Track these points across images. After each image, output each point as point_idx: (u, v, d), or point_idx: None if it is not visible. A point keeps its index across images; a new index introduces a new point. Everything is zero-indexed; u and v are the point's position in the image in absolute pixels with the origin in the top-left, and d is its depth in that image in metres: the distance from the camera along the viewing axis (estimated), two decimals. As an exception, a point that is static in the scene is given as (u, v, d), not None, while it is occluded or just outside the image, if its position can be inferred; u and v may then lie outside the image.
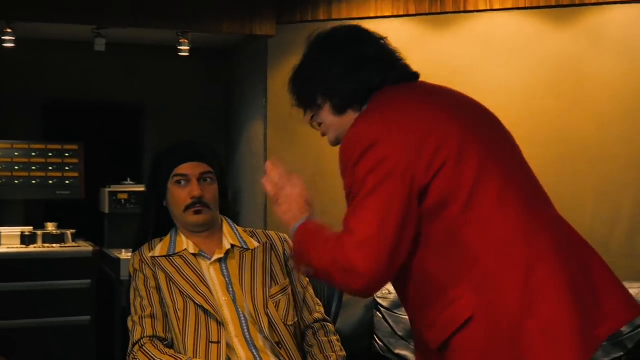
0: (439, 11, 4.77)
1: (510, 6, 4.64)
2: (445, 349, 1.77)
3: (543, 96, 4.59)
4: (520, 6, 4.62)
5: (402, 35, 4.86)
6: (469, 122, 1.86)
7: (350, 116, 1.93)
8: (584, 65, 4.53)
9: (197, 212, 2.54)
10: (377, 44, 1.97)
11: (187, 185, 2.55)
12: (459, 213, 1.75)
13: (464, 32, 4.75)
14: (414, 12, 4.82)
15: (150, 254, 2.54)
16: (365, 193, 1.76)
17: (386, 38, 2.01)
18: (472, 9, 4.71)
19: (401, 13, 4.83)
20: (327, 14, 4.95)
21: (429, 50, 4.78)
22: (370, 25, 5.42)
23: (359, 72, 1.91)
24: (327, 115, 1.98)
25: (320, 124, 2.03)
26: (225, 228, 2.63)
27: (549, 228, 1.80)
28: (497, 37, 4.70)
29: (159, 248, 2.56)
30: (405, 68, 1.97)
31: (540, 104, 4.60)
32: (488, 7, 4.68)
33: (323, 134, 2.04)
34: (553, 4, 4.57)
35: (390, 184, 1.74)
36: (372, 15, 4.87)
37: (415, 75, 2.00)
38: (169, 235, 2.59)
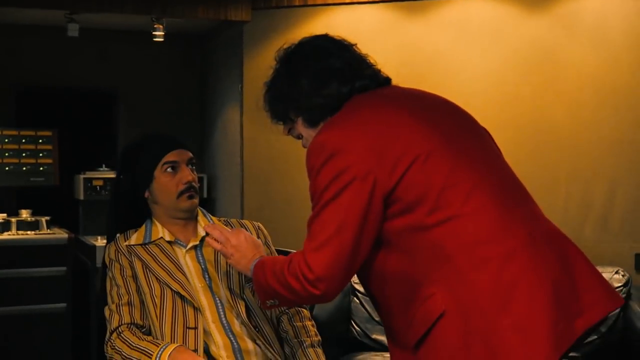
0: (414, -3, 4.78)
1: (485, -8, 4.66)
2: (421, 346, 1.78)
3: (517, 83, 4.62)
4: (496, -8, 4.64)
5: (377, 21, 4.86)
6: (438, 124, 1.87)
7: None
8: (558, 53, 4.56)
9: (190, 197, 2.57)
10: (345, 54, 1.98)
11: (176, 172, 2.56)
12: (427, 214, 1.77)
13: (439, 18, 4.76)
14: (389, -1, 4.83)
15: (126, 243, 2.55)
16: (326, 201, 1.80)
17: (355, 45, 2.03)
18: (447, -5, 4.73)
19: (377, -1, 4.84)
20: (302, 0, 4.94)
21: (404, 37, 4.79)
22: (346, 12, 5.43)
23: (325, 87, 1.94)
24: (302, 128, 2.04)
25: (298, 136, 2.08)
26: (200, 217, 2.66)
27: (525, 224, 1.82)
28: (472, 23, 4.71)
29: (135, 237, 2.56)
30: (374, 75, 1.99)
31: (514, 90, 4.63)
32: (463, -6, 4.69)
33: (304, 146, 2.06)
34: (528, -10, 4.59)
35: (350, 191, 1.78)
36: (347, 1, 4.87)
37: (386, 81, 2.02)
38: (144, 225, 2.60)
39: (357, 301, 4.25)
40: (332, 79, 1.94)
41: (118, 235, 2.59)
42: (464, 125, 1.95)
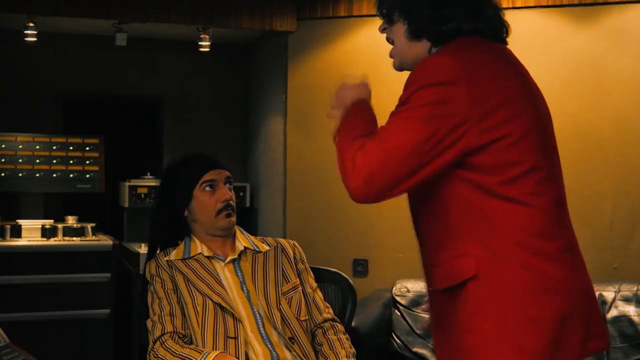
0: (460, 8, 4.76)
1: (532, 4, 4.62)
2: (447, 294, 1.80)
3: (563, 95, 4.57)
4: (542, 4, 4.60)
5: (422, 32, 4.85)
6: (539, 107, 1.88)
7: (422, 47, 1.88)
8: (605, 65, 4.50)
9: (228, 215, 2.64)
10: None
11: (215, 191, 2.61)
12: (500, 183, 1.75)
13: (485, 29, 4.73)
14: (435, 10, 4.81)
15: (166, 258, 2.61)
16: (413, 116, 1.73)
17: None
18: (493, 6, 4.69)
19: (422, 10, 4.82)
20: (347, 10, 4.95)
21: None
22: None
23: (448, 9, 1.85)
24: (399, 34, 1.92)
25: (389, 40, 1.97)
26: (238, 233, 2.73)
27: (570, 231, 1.85)
28: (519, 35, 4.63)
29: (174, 253, 2.64)
30: (497, 26, 1.92)
31: (560, 103, 4.57)
32: (510, 5, 4.66)
33: (390, 55, 1.97)
34: (575, 2, 4.54)
35: (439, 124, 1.71)
36: (392, 12, 4.85)
37: (505, 33, 1.97)
38: (182, 242, 2.66)
39: (398, 313, 4.22)
40: (457, 8, 1.85)
41: (158, 252, 2.65)
42: (549, 118, 1.95)
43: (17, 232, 4.85)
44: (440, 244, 1.82)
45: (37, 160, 5.12)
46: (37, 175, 5.11)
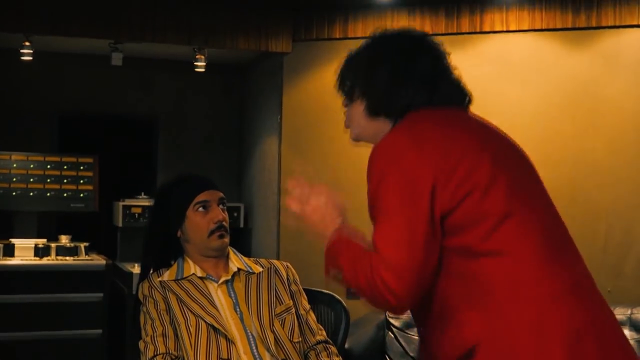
0: (455, 31, 4.79)
1: (526, 28, 4.65)
2: None
3: (557, 118, 4.59)
4: (537, 28, 4.63)
5: (417, 54, 4.87)
6: (500, 154, 1.86)
7: (380, 123, 1.93)
8: (599, 88, 4.53)
9: (220, 237, 2.63)
10: (434, 62, 1.94)
11: (208, 212, 2.62)
12: (479, 241, 1.74)
13: (479, 52, 4.76)
14: (430, 32, 4.83)
15: (159, 279, 2.61)
16: (391, 211, 1.75)
17: (449, 54, 1.99)
18: (488, 29, 4.73)
19: (417, 32, 4.85)
20: (343, 32, 4.98)
21: (444, 70, 4.78)
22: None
23: (403, 88, 1.89)
24: (358, 111, 1.96)
25: (348, 116, 2.01)
26: (231, 254, 2.72)
27: (571, 270, 1.79)
28: (513, 58, 4.70)
29: (167, 274, 2.64)
30: (450, 94, 1.94)
31: (554, 125, 4.59)
32: (504, 29, 4.69)
33: (346, 126, 2.02)
34: (569, 26, 4.57)
35: (417, 205, 1.74)
36: (388, 34, 4.88)
37: (461, 101, 1.98)
38: (175, 263, 2.66)
39: (392, 335, 4.21)
40: (412, 83, 1.89)
41: (151, 272, 2.65)
42: (521, 160, 1.93)
43: (10, 251, 4.83)
44: (440, 320, 1.80)
45: (31, 179, 5.11)
46: (31, 193, 5.10)
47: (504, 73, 4.70)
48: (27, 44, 4.85)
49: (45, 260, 4.81)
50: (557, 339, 1.68)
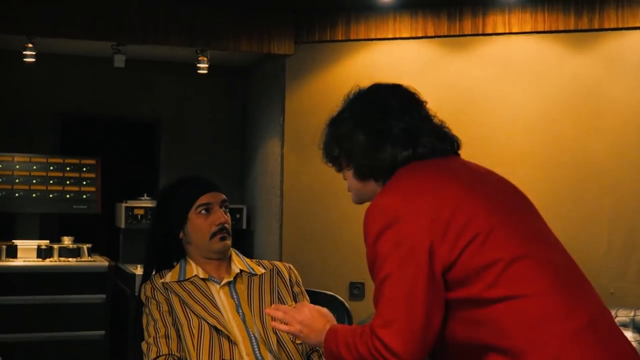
0: (457, 33, 4.79)
1: (529, 30, 4.65)
2: None
3: (559, 120, 4.59)
4: (539, 30, 4.63)
5: (419, 57, 4.88)
6: (497, 200, 1.84)
7: (372, 185, 1.95)
8: (602, 90, 4.53)
9: (222, 239, 2.63)
10: (409, 117, 1.92)
11: (210, 214, 2.63)
12: (486, 288, 1.73)
13: (482, 54, 4.77)
14: (432, 34, 4.84)
15: (162, 280, 2.61)
16: (389, 272, 1.76)
17: (425, 103, 1.99)
18: (490, 31, 4.73)
19: (419, 35, 4.86)
20: (345, 34, 4.98)
21: (446, 73, 4.79)
22: (389, 47, 5.46)
23: (379, 150, 1.90)
24: (349, 176, 2.00)
25: (345, 180, 2.04)
26: (234, 256, 2.72)
27: (587, 307, 1.77)
28: (515, 60, 4.71)
29: (170, 275, 2.64)
30: (433, 146, 1.92)
31: (556, 128, 4.59)
32: (507, 31, 4.69)
33: (349, 190, 2.04)
34: (572, 28, 4.57)
35: (413, 263, 1.73)
36: (390, 36, 4.89)
37: (447, 149, 1.96)
38: (178, 264, 2.66)
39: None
40: (387, 143, 1.89)
41: (153, 274, 2.66)
42: (521, 202, 1.92)
43: (12, 253, 4.84)
44: None
45: (34, 181, 5.12)
46: (34, 195, 5.10)
47: (506, 75, 4.70)
48: (30, 46, 4.86)
49: (47, 262, 4.82)
50: None
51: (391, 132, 1.90)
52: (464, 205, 1.78)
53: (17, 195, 5.07)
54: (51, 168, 5.19)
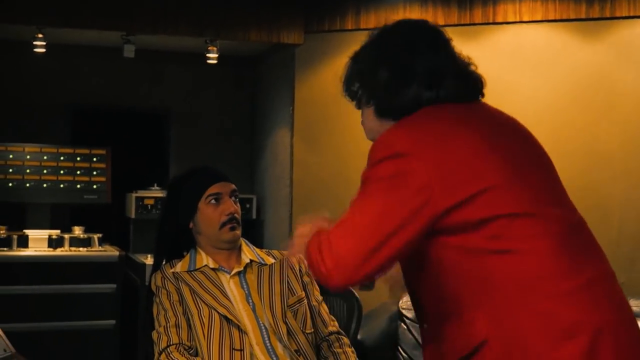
0: (467, 22, 4.77)
1: (539, 18, 4.63)
2: None
3: (570, 110, 4.57)
4: (550, 18, 4.60)
5: (429, 45, 4.86)
6: (511, 154, 1.80)
7: (390, 124, 1.88)
8: (612, 79, 4.50)
9: (232, 229, 2.64)
10: (435, 56, 1.87)
11: (219, 204, 2.63)
12: (485, 240, 1.70)
13: (492, 44, 4.74)
14: (443, 23, 4.82)
15: (172, 270, 2.62)
16: (373, 191, 1.73)
17: (451, 40, 1.93)
18: (501, 20, 4.71)
19: (429, 23, 4.83)
20: (355, 23, 4.96)
21: (456, 61, 4.77)
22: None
23: (403, 87, 1.84)
24: (368, 113, 1.94)
25: (362, 122, 1.99)
26: (244, 246, 2.73)
27: (587, 268, 1.74)
28: (526, 49, 4.68)
29: (180, 265, 2.65)
30: (456, 88, 1.87)
31: (567, 117, 4.57)
32: (517, 19, 4.67)
33: (362, 124, 1.99)
34: (583, 16, 4.55)
35: (399, 196, 1.70)
36: (400, 25, 4.86)
37: (472, 94, 1.92)
38: (188, 254, 2.67)
39: (405, 327, 4.22)
40: (412, 81, 1.83)
41: (164, 263, 2.67)
42: (536, 156, 1.88)
43: (23, 242, 4.86)
44: (444, 317, 1.77)
45: (45, 171, 5.14)
46: (45, 185, 5.12)
47: (517, 64, 4.68)
48: (40, 36, 4.87)
49: (58, 252, 4.84)
50: (567, 334, 1.65)
51: (416, 71, 1.84)
52: (474, 157, 1.74)
53: (28, 185, 5.09)
54: (62, 158, 5.20)
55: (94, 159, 5.27)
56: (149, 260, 4.86)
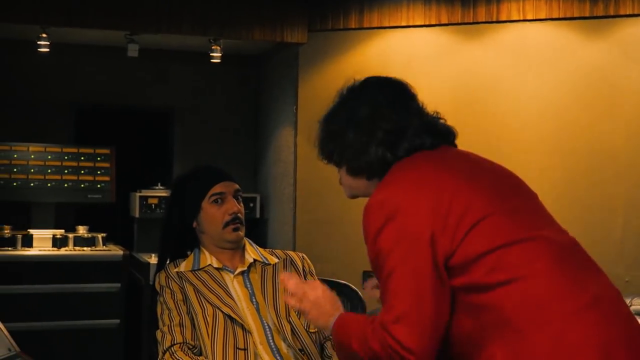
0: (471, 21, 4.77)
1: (543, 17, 4.62)
2: None
3: (574, 108, 4.56)
4: (554, 17, 4.60)
5: (433, 44, 4.86)
6: (491, 187, 1.84)
7: (364, 182, 1.96)
8: (616, 77, 4.49)
9: (235, 229, 2.64)
10: (397, 115, 1.91)
11: (223, 203, 2.64)
12: (485, 273, 1.72)
13: (496, 42, 4.74)
14: (446, 22, 4.82)
15: (176, 270, 2.63)
16: (393, 266, 1.75)
17: (416, 95, 1.98)
18: (504, 19, 4.70)
19: (433, 22, 4.84)
20: (358, 22, 4.96)
21: (460, 60, 4.77)
22: (402, 35, 5.44)
23: (369, 151, 1.90)
24: (342, 172, 2.01)
25: (340, 180, 2.05)
26: (247, 245, 2.74)
27: (589, 287, 1.75)
28: (530, 47, 4.68)
29: (184, 264, 2.66)
30: (421, 142, 1.91)
31: (571, 115, 4.57)
32: (521, 18, 4.66)
33: (340, 183, 2.06)
34: (587, 15, 4.54)
35: (417, 255, 1.73)
36: (403, 24, 4.87)
37: (441, 140, 1.95)
38: (192, 254, 2.67)
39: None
40: (373, 144, 1.90)
41: (167, 263, 2.68)
42: (517, 188, 1.91)
43: (28, 242, 4.87)
44: (465, 358, 1.79)
45: (49, 170, 5.14)
46: (49, 185, 5.13)
47: (521, 63, 4.67)
48: (44, 35, 4.87)
49: (63, 251, 4.85)
50: (583, 353, 1.65)
51: (377, 133, 1.90)
52: (460, 194, 1.77)
53: (32, 184, 5.10)
54: (66, 157, 5.21)
55: (98, 159, 5.28)
56: (153, 259, 4.86)
